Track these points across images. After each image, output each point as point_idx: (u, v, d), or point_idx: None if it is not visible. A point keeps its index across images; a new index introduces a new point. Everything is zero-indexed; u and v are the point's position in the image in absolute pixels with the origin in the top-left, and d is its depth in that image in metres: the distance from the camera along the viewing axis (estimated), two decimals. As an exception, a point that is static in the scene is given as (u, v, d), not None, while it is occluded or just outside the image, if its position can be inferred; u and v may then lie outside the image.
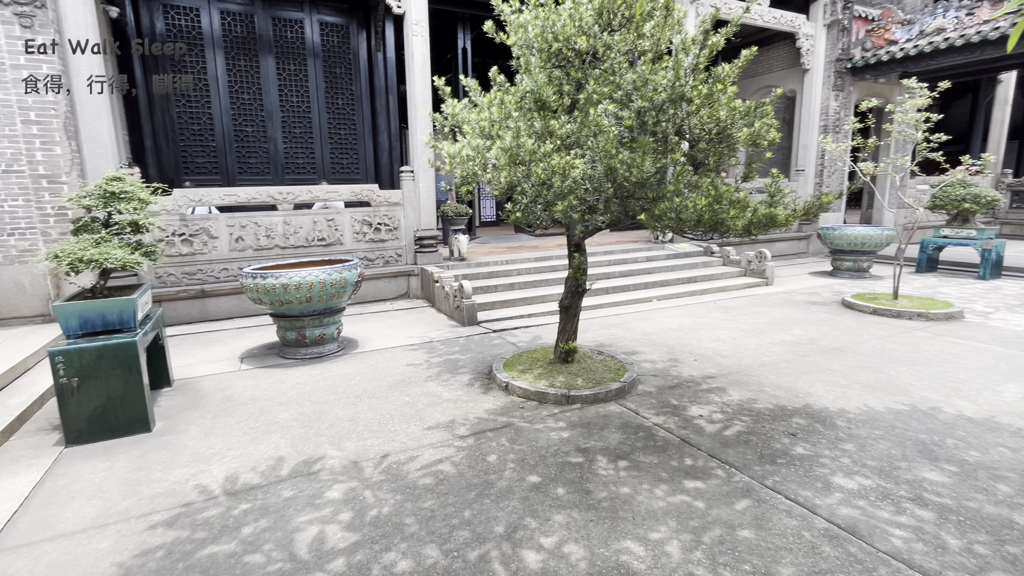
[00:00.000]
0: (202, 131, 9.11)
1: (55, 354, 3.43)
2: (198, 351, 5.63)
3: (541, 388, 4.14)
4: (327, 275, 5.05)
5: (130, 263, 3.73)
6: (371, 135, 10.34)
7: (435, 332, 6.21)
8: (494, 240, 11.49)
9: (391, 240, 7.99)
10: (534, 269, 8.33)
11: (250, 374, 4.88)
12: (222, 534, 2.58)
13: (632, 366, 4.61)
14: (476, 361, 5.11)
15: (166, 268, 6.73)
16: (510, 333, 6.11)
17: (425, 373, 4.80)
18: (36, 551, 2.49)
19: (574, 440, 3.45)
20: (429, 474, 3.08)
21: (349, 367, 5.01)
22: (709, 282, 8.53)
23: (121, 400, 3.63)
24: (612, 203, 3.16)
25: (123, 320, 3.73)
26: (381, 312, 7.31)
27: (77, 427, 3.55)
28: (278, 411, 4.02)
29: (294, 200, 7.30)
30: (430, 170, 8.05)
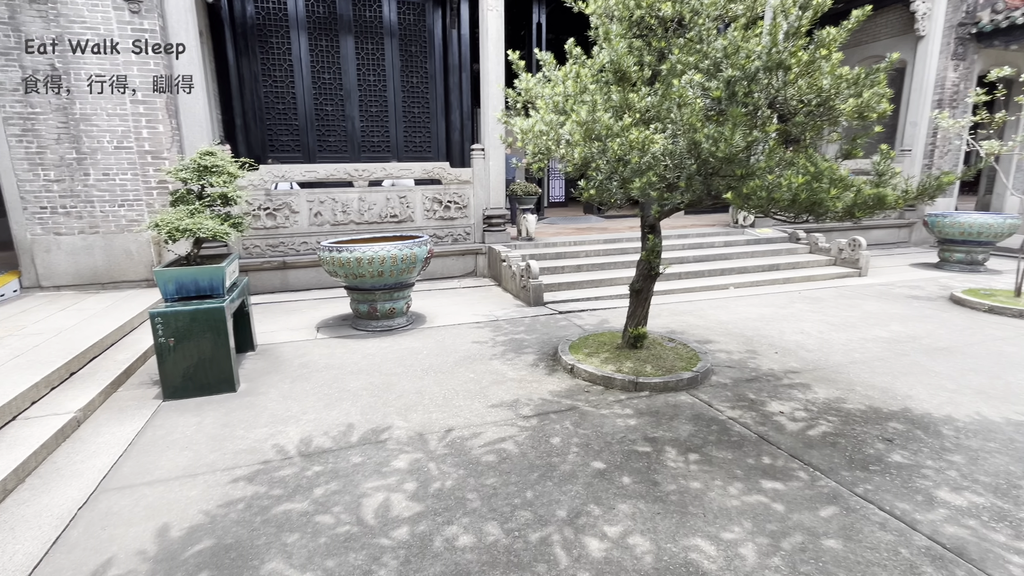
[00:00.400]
0: (286, 110, 9.53)
1: (155, 316, 3.72)
2: (279, 319, 5.96)
3: (608, 373, 4.02)
4: (398, 250, 5.14)
5: (219, 233, 3.96)
6: (443, 113, 10.40)
7: (501, 311, 6.21)
8: (562, 221, 11.32)
9: (460, 218, 8.04)
10: (603, 251, 8.11)
11: (325, 343, 5.09)
12: (296, 493, 2.70)
13: (706, 355, 4.37)
14: (541, 342, 5.05)
15: (252, 240, 7.15)
16: (576, 315, 5.99)
17: (490, 351, 4.80)
18: (136, 493, 2.73)
19: (641, 428, 3.32)
20: (492, 452, 3.07)
21: (417, 341, 5.11)
22: (793, 271, 7.94)
23: (210, 361, 3.89)
24: (694, 181, 2.94)
25: (213, 286, 3.98)
26: (448, 289, 7.41)
27: (173, 383, 3.85)
28: (349, 380, 4.17)
29: (369, 177, 7.49)
30: (500, 148, 7.98)
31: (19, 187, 6.09)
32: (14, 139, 5.97)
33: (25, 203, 6.15)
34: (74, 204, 6.28)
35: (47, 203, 6.21)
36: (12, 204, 6.11)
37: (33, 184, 6.14)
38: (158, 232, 3.84)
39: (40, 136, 6.04)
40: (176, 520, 2.50)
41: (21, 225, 6.19)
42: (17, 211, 6.14)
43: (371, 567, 2.18)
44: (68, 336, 4.58)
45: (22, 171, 6.08)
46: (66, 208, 6.27)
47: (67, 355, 4.11)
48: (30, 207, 6.17)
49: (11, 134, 5.95)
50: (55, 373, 3.85)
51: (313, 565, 2.20)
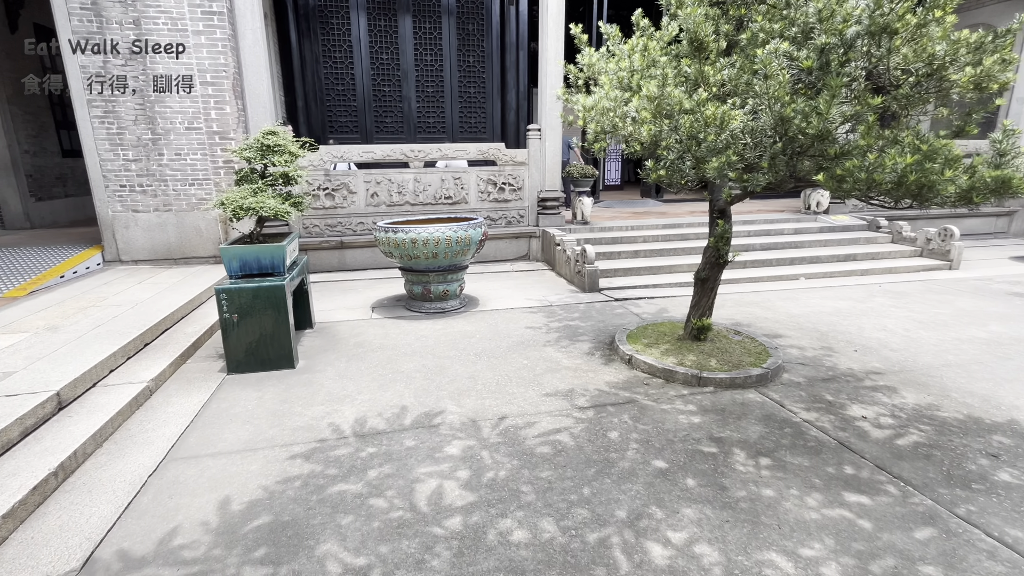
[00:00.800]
0: (345, 91, 9.63)
1: (220, 292, 3.83)
2: (336, 298, 6.06)
3: (669, 365, 3.81)
4: (453, 232, 5.08)
5: (281, 212, 4.01)
6: (499, 93, 10.23)
7: (554, 296, 6.06)
8: (618, 204, 10.97)
9: (514, 200, 7.91)
10: (661, 237, 7.78)
11: (379, 323, 5.13)
12: (350, 474, 2.70)
13: (776, 351, 4.07)
14: (596, 330, 4.88)
15: (311, 219, 7.31)
16: (633, 303, 5.76)
17: (544, 337, 4.68)
18: (201, 464, 2.81)
19: (706, 427, 3.11)
20: (547, 443, 2.96)
21: (470, 325, 5.06)
22: (872, 261, 7.32)
23: (271, 337, 3.98)
24: (778, 160, 2.66)
25: (274, 265, 4.05)
26: (500, 272, 7.32)
27: (236, 358, 3.96)
28: (403, 361, 4.17)
29: (424, 158, 7.46)
30: (557, 129, 7.75)
31: (101, 166, 6.45)
32: (97, 120, 6.30)
33: (107, 181, 6.51)
34: (149, 183, 6.60)
35: (126, 181, 6.55)
36: (96, 182, 6.49)
37: (113, 163, 6.48)
38: (223, 210, 3.93)
39: (120, 118, 6.35)
40: (237, 493, 2.55)
41: (103, 202, 6.57)
42: (100, 189, 6.52)
43: (424, 556, 2.13)
44: (143, 309, 4.82)
45: (104, 151, 6.42)
46: (142, 186, 6.59)
47: (142, 327, 4.32)
48: (111, 185, 6.53)
49: (94, 116, 6.29)
50: (131, 343, 4.04)
51: (367, 550, 2.17)
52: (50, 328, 4.27)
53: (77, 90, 6.19)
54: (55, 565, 2.10)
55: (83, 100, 6.23)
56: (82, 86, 6.18)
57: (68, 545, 2.21)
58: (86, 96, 6.22)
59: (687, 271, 6.86)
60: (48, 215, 9.28)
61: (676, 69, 3.41)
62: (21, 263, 6.23)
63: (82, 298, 5.22)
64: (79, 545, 2.21)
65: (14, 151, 8.53)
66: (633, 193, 13.64)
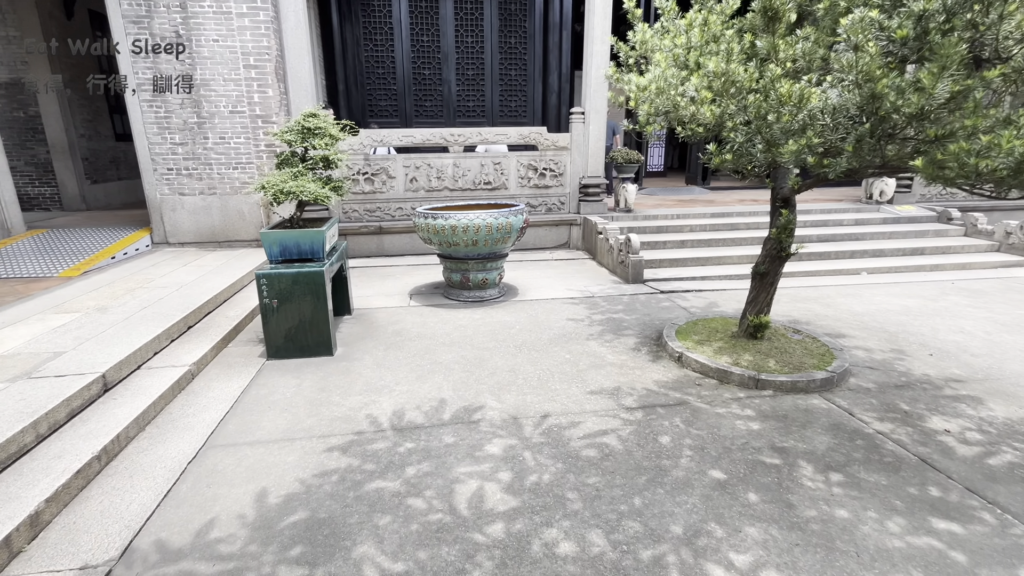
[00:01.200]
0: (385, 75, 9.54)
1: (260, 276, 3.79)
2: (374, 284, 6.01)
3: (723, 365, 3.56)
4: (493, 219, 4.91)
5: (321, 197, 3.93)
6: (541, 76, 9.94)
7: (596, 287, 5.84)
8: (662, 192, 10.56)
9: (555, 187, 7.67)
10: (709, 226, 7.40)
11: (417, 311, 5.04)
12: (388, 470, 2.60)
13: (841, 353, 3.75)
14: (642, 324, 4.65)
15: (351, 204, 7.28)
16: (680, 296, 5.48)
17: (586, 330, 4.49)
18: (239, 453, 2.77)
19: (767, 435, 2.87)
20: (593, 445, 2.79)
21: (509, 315, 4.90)
22: (943, 256, 6.77)
23: (310, 324, 3.92)
24: (864, 144, 2.37)
25: (314, 250, 3.98)
26: (540, 261, 7.13)
27: (276, 343, 3.94)
28: (441, 351, 4.05)
29: (464, 142, 7.30)
30: (602, 112, 7.44)
31: (150, 149, 6.57)
32: (145, 104, 6.40)
33: (155, 164, 6.63)
34: (195, 166, 6.68)
35: (173, 165, 6.65)
36: (144, 165, 6.61)
37: (161, 147, 6.59)
38: (264, 194, 3.87)
39: (167, 101, 6.43)
40: (274, 486, 2.49)
41: (152, 185, 6.70)
42: (148, 172, 6.64)
43: (464, 566, 2.00)
44: (187, 291, 4.87)
45: (152, 134, 6.53)
46: (188, 170, 6.68)
47: (185, 309, 4.35)
48: (159, 168, 6.65)
49: (143, 99, 6.38)
50: (175, 326, 4.07)
51: (404, 554, 2.06)
52: (100, 309, 4.35)
53: (127, 73, 6.28)
54: (94, 553, 2.07)
55: (133, 83, 6.32)
56: (131, 70, 6.27)
57: (108, 532, 2.19)
58: (135, 79, 6.31)
59: (737, 263, 6.51)
60: (102, 197, 9.61)
61: (743, 43, 3.11)
62: (77, 244, 6.43)
63: (131, 279, 5.32)
64: (119, 533, 2.18)
65: (71, 135, 8.83)
66: (677, 180, 13.14)
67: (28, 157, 8.89)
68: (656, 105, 3.58)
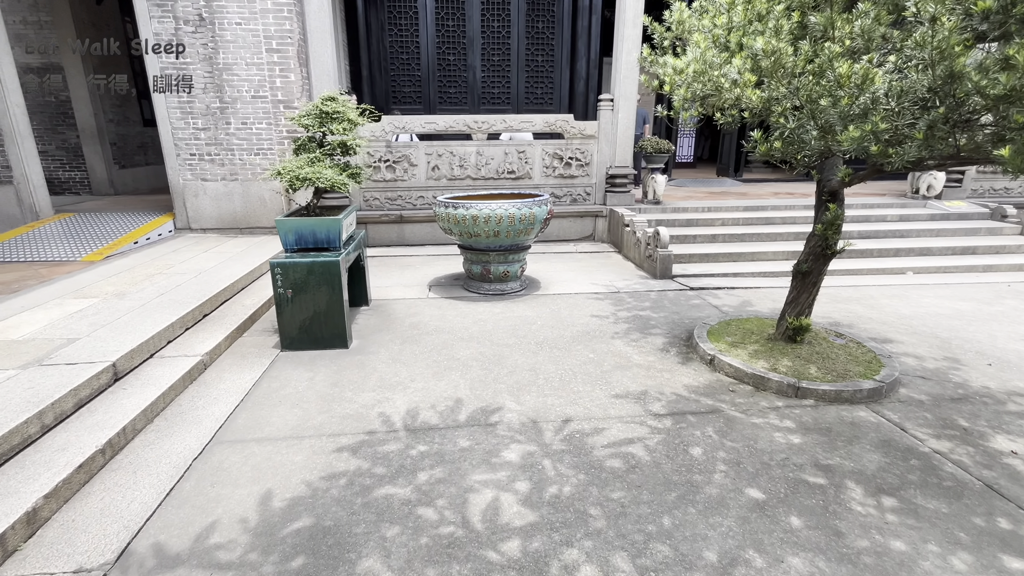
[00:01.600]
0: (410, 60, 9.37)
1: (275, 266, 3.67)
2: (393, 274, 5.89)
3: (759, 371, 3.31)
4: (516, 210, 4.71)
5: (338, 183, 3.78)
6: (568, 62, 9.63)
7: (622, 282, 5.60)
8: (692, 183, 10.19)
9: (581, 177, 7.41)
10: (742, 220, 7.06)
11: (436, 303, 4.89)
12: (398, 475, 2.45)
13: (890, 360, 3.46)
14: (671, 322, 4.41)
15: (371, 192, 7.16)
16: (711, 293, 5.21)
17: (611, 328, 4.27)
18: (246, 450, 2.65)
19: (809, 451, 2.63)
20: (618, 455, 2.59)
21: (531, 309, 4.72)
22: (997, 256, 6.31)
23: (324, 315, 3.80)
24: (937, 130, 2.09)
25: (330, 239, 3.85)
26: (563, 253, 6.91)
27: (290, 335, 3.83)
28: (459, 347, 3.90)
29: (488, 129, 7.09)
30: (631, 99, 7.14)
31: (173, 134, 6.54)
32: (172, 67, 6.35)
33: (178, 150, 6.60)
34: (217, 152, 6.64)
35: (195, 150, 6.61)
36: (168, 150, 6.59)
37: (184, 132, 6.55)
38: (280, 180, 3.75)
39: (191, 84, 6.37)
40: (279, 487, 2.37)
41: (175, 170, 6.68)
42: (172, 157, 6.62)
43: (476, 587, 1.84)
44: (205, 278, 4.81)
45: (175, 119, 6.49)
46: (211, 155, 6.64)
47: (202, 297, 4.28)
48: (182, 153, 6.62)
49: (164, 66, 6.33)
50: (190, 314, 4.00)
51: (412, 572, 1.91)
52: (118, 294, 4.31)
53: (150, 58, 6.24)
54: (90, 555, 1.98)
55: (156, 68, 6.28)
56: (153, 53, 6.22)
57: (106, 533, 2.09)
58: (158, 63, 6.27)
59: (772, 259, 6.19)
60: (130, 182, 9.71)
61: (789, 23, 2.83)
62: (102, 228, 6.46)
63: (151, 265, 5.30)
64: (116, 534, 2.09)
65: (100, 120, 8.91)
66: (707, 171, 12.71)
67: (59, 141, 9.01)
68: (693, 90, 3.33)
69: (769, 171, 12.32)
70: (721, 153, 11.43)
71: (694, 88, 3.33)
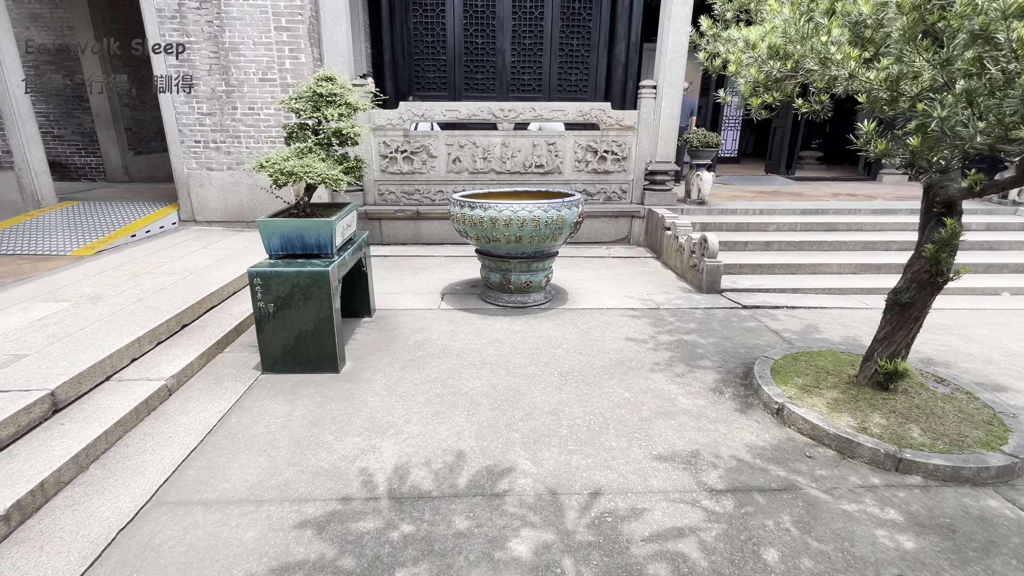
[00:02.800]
0: (435, 43, 8.75)
1: (254, 275, 3.12)
2: (405, 278, 5.32)
3: (845, 431, 2.59)
4: (542, 212, 4.05)
5: (330, 180, 3.20)
6: (606, 46, 8.86)
7: (662, 295, 4.89)
8: (738, 181, 9.31)
9: (616, 172, 6.68)
10: (800, 225, 6.23)
11: (447, 317, 4.29)
12: (371, 570, 1.85)
13: (1016, 421, 2.69)
14: (723, 351, 3.70)
15: (387, 185, 6.59)
16: (767, 314, 4.46)
17: (651, 356, 3.59)
18: (189, 518, 2.10)
19: (931, 564, 1.92)
20: (663, 556, 1.94)
21: (555, 328, 4.07)
22: (1113, 276, 5.34)
23: (312, 334, 3.24)
24: None
25: (321, 244, 3.28)
26: (595, 258, 6.22)
27: (272, 355, 3.28)
28: (468, 376, 3.29)
29: (515, 118, 6.42)
30: (678, 86, 6.35)
31: (177, 119, 6.09)
32: (172, 69, 5.90)
33: (182, 136, 6.16)
34: (223, 139, 6.17)
35: (200, 137, 6.16)
36: (172, 137, 6.16)
37: (189, 117, 6.10)
38: (264, 173, 3.19)
39: (195, 66, 5.91)
40: (215, 584, 1.80)
41: (179, 158, 6.24)
42: (176, 144, 6.18)
43: None
44: (194, 280, 4.33)
45: (179, 103, 6.04)
46: (216, 143, 6.18)
47: (183, 303, 3.78)
48: (186, 140, 6.18)
49: (170, 64, 5.88)
50: (164, 326, 3.50)
51: None
52: (93, 298, 3.85)
53: (152, 34, 5.79)
54: None
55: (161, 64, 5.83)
56: (157, 31, 5.77)
57: (-27, 650, 1.57)
58: (161, 40, 5.81)
59: (836, 273, 5.37)
60: (146, 169, 9.42)
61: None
62: (103, 219, 6.09)
63: (142, 262, 4.86)
64: (-16, 655, 1.56)
65: (114, 104, 8.60)
66: (753, 167, 11.74)
67: (75, 126, 8.76)
68: (769, 69, 2.60)
69: (824, 168, 11.29)
70: (772, 148, 10.48)
71: (770, 68, 2.61)
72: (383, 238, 6.68)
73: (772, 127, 10.30)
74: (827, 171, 10.94)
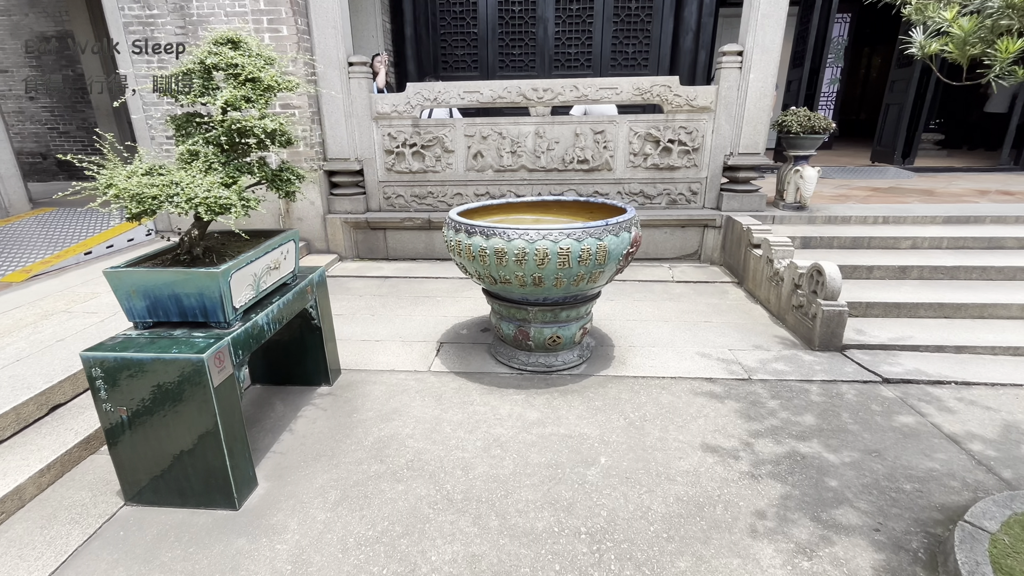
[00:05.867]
0: (464, 14, 7.40)
1: (91, 362, 1.93)
2: (399, 313, 4.07)
3: None
4: (575, 241, 2.65)
5: (213, 205, 1.96)
6: (672, 9, 7.19)
7: (752, 352, 3.37)
8: (837, 173, 7.42)
9: (683, 167, 5.13)
10: (948, 241, 4.47)
11: (436, 389, 2.99)
12: None
13: None
14: (872, 486, 2.18)
15: (393, 187, 5.36)
16: (927, 394, 2.86)
17: (747, 494, 2.14)
18: None
19: None
20: None
21: (591, 418, 2.69)
22: None
23: (190, 454, 2.03)
24: None
25: (207, 308, 2.05)
26: (653, 282, 4.73)
27: (135, 481, 2.11)
28: (436, 532, 1.98)
29: (552, 100, 4.99)
30: (774, 52, 4.69)
31: (144, 111, 5.11)
32: (134, 51, 4.89)
33: (152, 131, 5.18)
34: (198, 134, 5.12)
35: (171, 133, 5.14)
36: (140, 133, 5.20)
37: (159, 107, 5.10)
38: (116, 203, 2.00)
39: (160, 44, 4.87)
40: None
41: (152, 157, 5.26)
42: (146, 141, 5.21)
43: None
44: (115, 325, 3.27)
45: (147, 92, 5.03)
46: (190, 139, 5.14)
47: (67, 370, 2.70)
48: (157, 137, 5.19)
49: (131, 43, 4.87)
50: (20, 409, 2.42)
51: None
52: (-41, 357, 2.84)
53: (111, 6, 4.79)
54: None
55: (119, 23, 4.83)
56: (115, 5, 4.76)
57: None
58: (121, 18, 4.80)
59: (1018, 317, 3.64)
60: (156, 166, 8.71)
61: None
62: (65, 230, 5.23)
63: (70, 293, 3.88)
64: None
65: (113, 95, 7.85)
66: (852, 153, 9.66)
67: (79, 121, 8.12)
68: None
69: (946, 156, 9.10)
70: (882, 129, 8.40)
71: None
72: (388, 252, 5.48)
73: (884, 104, 8.23)
74: (952, 158, 8.76)
